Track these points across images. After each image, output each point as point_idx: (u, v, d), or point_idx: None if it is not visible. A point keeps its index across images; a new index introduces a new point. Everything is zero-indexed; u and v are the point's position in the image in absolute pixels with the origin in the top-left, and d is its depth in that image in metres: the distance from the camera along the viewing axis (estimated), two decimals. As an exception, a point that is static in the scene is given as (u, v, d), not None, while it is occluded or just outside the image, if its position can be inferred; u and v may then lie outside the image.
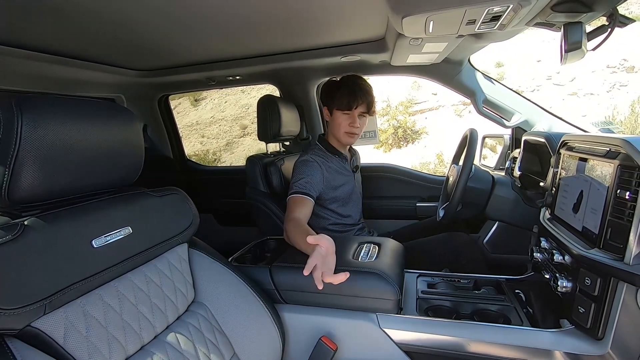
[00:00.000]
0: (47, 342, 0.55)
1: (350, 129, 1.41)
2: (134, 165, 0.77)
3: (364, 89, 1.39)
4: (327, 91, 1.46)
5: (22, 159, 0.55)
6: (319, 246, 0.87)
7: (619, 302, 0.71)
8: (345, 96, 1.38)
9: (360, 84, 1.41)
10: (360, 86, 1.39)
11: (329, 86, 1.46)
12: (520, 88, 9.03)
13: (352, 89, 1.38)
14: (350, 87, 1.38)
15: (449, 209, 1.27)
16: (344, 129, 1.41)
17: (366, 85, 1.41)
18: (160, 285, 0.76)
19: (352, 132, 1.42)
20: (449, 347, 0.89)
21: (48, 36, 1.14)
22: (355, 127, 1.40)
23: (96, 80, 1.72)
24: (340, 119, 1.41)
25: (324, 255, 0.86)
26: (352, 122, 1.40)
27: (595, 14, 0.85)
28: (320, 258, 0.84)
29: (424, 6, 0.82)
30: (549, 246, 0.95)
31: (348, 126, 1.41)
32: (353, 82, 1.41)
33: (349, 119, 1.40)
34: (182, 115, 12.56)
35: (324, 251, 0.87)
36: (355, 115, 1.40)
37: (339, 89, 1.40)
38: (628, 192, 0.68)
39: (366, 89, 1.40)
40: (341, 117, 1.40)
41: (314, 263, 0.83)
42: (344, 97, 1.38)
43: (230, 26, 1.19)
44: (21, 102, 0.56)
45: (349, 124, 1.40)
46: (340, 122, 1.41)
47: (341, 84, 1.41)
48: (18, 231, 0.55)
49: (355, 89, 1.38)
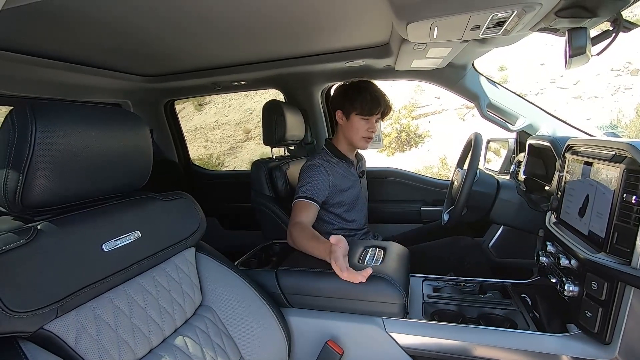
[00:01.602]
0: (59, 344, 0.56)
1: (368, 133, 1.43)
2: (143, 170, 0.79)
3: (382, 95, 1.43)
4: (344, 95, 1.44)
5: (36, 164, 0.56)
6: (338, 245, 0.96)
7: (626, 307, 0.71)
8: (367, 102, 1.39)
9: (377, 89, 1.43)
10: (380, 92, 1.43)
11: (346, 91, 1.45)
12: (524, 91, 9.02)
13: (374, 95, 1.40)
14: (372, 93, 1.40)
15: (453, 213, 1.27)
16: (362, 133, 1.43)
17: (381, 91, 1.45)
18: (169, 289, 0.77)
19: (369, 137, 1.44)
20: (455, 351, 0.89)
21: (56, 43, 1.16)
22: (372, 131, 1.43)
23: (103, 86, 1.74)
24: (358, 124, 1.42)
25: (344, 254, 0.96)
26: (370, 127, 1.42)
27: (600, 19, 0.85)
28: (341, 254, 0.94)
29: (429, 12, 0.83)
30: (555, 250, 0.95)
31: (366, 131, 1.42)
32: (373, 88, 1.43)
33: (368, 124, 1.42)
34: (186, 119, 12.64)
35: (344, 250, 0.96)
36: (373, 121, 1.43)
37: (359, 94, 1.40)
38: (634, 196, 0.68)
39: (383, 95, 1.44)
40: (360, 122, 1.41)
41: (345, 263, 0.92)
42: (366, 103, 1.39)
43: (235, 32, 1.21)
44: (35, 108, 0.57)
45: (367, 129, 1.42)
46: (358, 127, 1.42)
47: (361, 90, 1.41)
48: (31, 235, 0.56)
49: (377, 95, 1.41)
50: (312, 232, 1.13)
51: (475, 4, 0.78)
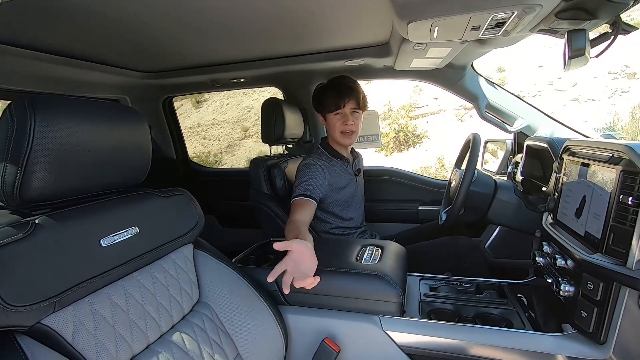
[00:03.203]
0: (56, 339, 0.56)
1: (343, 127, 1.42)
2: (142, 166, 0.78)
3: (349, 86, 1.41)
4: (316, 98, 1.49)
5: (34, 158, 0.56)
6: (291, 252, 0.86)
7: (621, 307, 0.71)
8: (331, 97, 1.41)
9: (344, 82, 1.42)
10: (344, 84, 1.41)
11: (317, 93, 1.49)
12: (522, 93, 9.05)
13: (337, 88, 1.41)
14: (335, 87, 1.41)
15: (451, 213, 1.28)
16: (339, 129, 1.43)
17: (350, 82, 1.43)
18: (166, 285, 0.77)
19: (346, 130, 1.43)
20: (451, 350, 0.89)
21: (54, 37, 1.15)
22: (348, 124, 1.42)
23: (101, 81, 1.73)
24: (333, 121, 1.43)
25: (297, 260, 0.85)
26: (344, 121, 1.42)
27: (599, 22, 0.86)
28: (291, 263, 0.84)
29: (430, 12, 0.83)
30: (552, 251, 0.96)
31: (342, 125, 1.42)
32: (337, 82, 1.43)
33: (341, 117, 1.42)
34: (184, 116, 12.59)
35: (297, 256, 0.86)
36: (347, 113, 1.41)
37: (325, 93, 1.43)
38: (631, 198, 0.69)
39: (351, 85, 1.42)
40: (334, 119, 1.43)
41: (282, 269, 0.82)
42: (331, 99, 1.41)
43: (235, 29, 1.21)
44: (34, 102, 0.57)
45: (342, 123, 1.42)
46: (334, 124, 1.43)
47: (326, 88, 1.44)
48: (29, 229, 0.56)
49: (340, 87, 1.40)
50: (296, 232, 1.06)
51: (476, 4, 0.79)
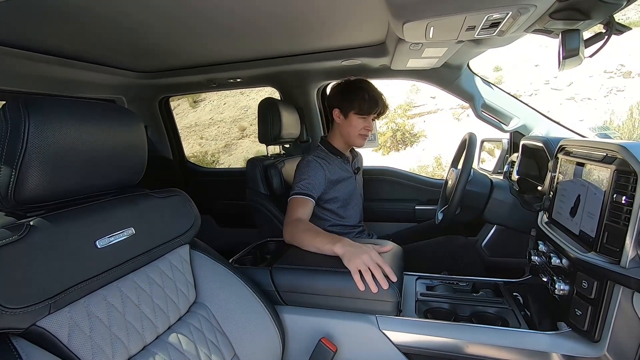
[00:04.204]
0: (52, 341, 0.55)
1: (364, 131, 1.46)
2: (137, 167, 0.78)
3: (380, 95, 1.46)
4: (342, 94, 1.46)
5: (29, 160, 0.56)
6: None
7: (615, 305, 0.72)
8: (366, 101, 1.41)
9: (377, 89, 1.46)
10: (378, 92, 1.45)
11: (343, 90, 1.46)
12: (518, 92, 9.09)
13: (373, 94, 1.42)
14: (370, 93, 1.42)
15: (447, 212, 1.28)
16: (359, 132, 1.45)
17: (380, 91, 1.47)
18: (162, 286, 0.77)
19: (365, 135, 1.47)
20: (448, 349, 0.90)
21: (49, 37, 1.15)
22: (369, 129, 1.46)
23: (97, 81, 1.73)
24: (356, 122, 1.44)
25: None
26: (367, 126, 1.45)
27: (593, 22, 0.86)
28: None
29: (425, 12, 0.84)
30: (547, 249, 0.96)
31: (363, 129, 1.45)
32: (371, 87, 1.45)
33: (365, 122, 1.44)
34: (181, 116, 12.56)
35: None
36: (370, 119, 1.45)
37: (358, 93, 1.42)
38: (624, 197, 0.69)
39: (381, 94, 1.46)
40: (357, 121, 1.44)
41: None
42: (365, 102, 1.41)
43: (231, 29, 1.20)
44: (28, 103, 0.56)
45: (364, 127, 1.45)
46: (356, 125, 1.44)
47: (360, 89, 1.43)
48: (24, 231, 0.56)
49: (375, 94, 1.43)
50: (317, 229, 1.14)
51: (471, 5, 0.79)
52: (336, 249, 1.00)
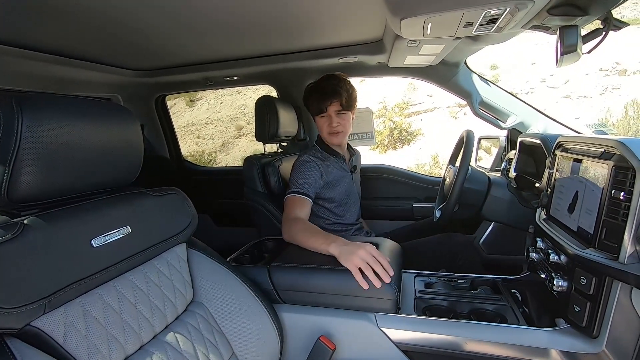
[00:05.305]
0: (47, 341, 0.55)
1: (330, 129, 1.43)
2: (133, 165, 0.77)
3: (332, 88, 1.39)
4: (305, 100, 1.50)
5: (22, 158, 0.55)
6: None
7: (613, 301, 0.72)
8: (315, 101, 1.41)
9: (328, 83, 1.40)
10: (328, 86, 1.39)
11: (305, 95, 1.50)
12: (515, 90, 9.12)
13: (321, 91, 1.40)
14: (319, 91, 1.41)
15: (445, 210, 1.28)
16: (326, 130, 1.44)
17: (334, 83, 1.40)
18: (159, 285, 0.76)
19: (333, 132, 1.43)
20: (447, 346, 0.90)
21: (45, 35, 1.13)
22: (333, 126, 1.42)
23: (93, 79, 1.71)
24: (320, 122, 1.45)
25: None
26: (329, 123, 1.42)
27: (590, 18, 0.86)
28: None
29: (423, 8, 0.83)
30: (545, 246, 0.96)
31: (328, 127, 1.43)
32: (321, 84, 1.42)
33: (327, 120, 1.43)
34: (178, 115, 12.51)
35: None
36: (331, 115, 1.41)
37: (309, 97, 1.44)
38: (622, 193, 0.69)
39: (334, 87, 1.39)
40: (320, 121, 1.44)
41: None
42: (314, 102, 1.42)
43: (228, 26, 1.20)
44: (22, 101, 0.56)
45: (328, 125, 1.43)
46: (321, 125, 1.45)
47: (312, 91, 1.44)
48: (18, 230, 0.55)
49: (324, 90, 1.39)
50: (317, 229, 1.14)
51: (469, 0, 0.79)
52: (331, 250, 1.00)
